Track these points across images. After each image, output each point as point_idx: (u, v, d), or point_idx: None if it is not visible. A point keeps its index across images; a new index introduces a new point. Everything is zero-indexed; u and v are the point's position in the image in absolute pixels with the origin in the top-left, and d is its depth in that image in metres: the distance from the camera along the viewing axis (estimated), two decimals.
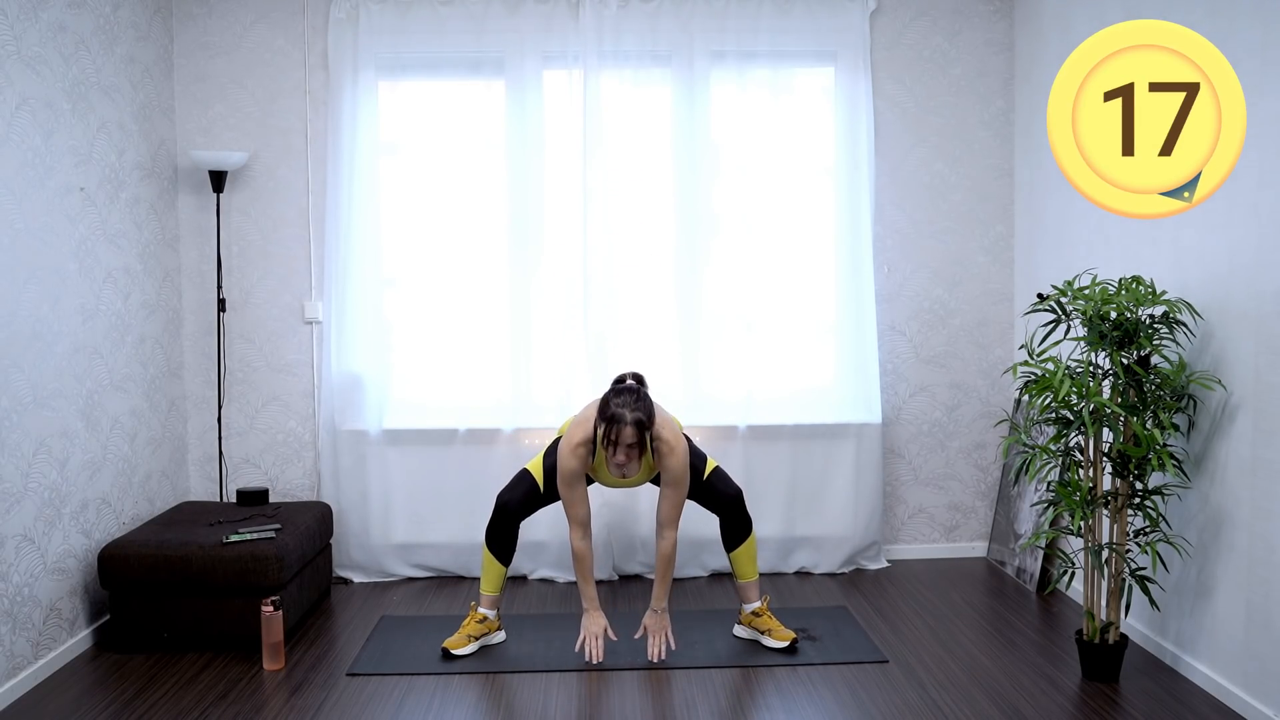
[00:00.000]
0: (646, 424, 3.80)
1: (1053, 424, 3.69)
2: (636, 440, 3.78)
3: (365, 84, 4.95)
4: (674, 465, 3.91)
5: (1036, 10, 4.91)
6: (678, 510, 3.98)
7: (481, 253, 5.06)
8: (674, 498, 3.96)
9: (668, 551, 3.98)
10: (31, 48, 3.86)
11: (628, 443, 3.77)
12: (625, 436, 3.76)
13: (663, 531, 3.97)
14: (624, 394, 3.84)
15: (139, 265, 4.62)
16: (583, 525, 3.96)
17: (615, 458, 3.80)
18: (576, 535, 3.96)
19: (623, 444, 3.77)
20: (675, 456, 3.91)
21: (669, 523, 3.97)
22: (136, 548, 4.09)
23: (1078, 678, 3.77)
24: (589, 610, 4.00)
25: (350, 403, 5.03)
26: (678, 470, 3.92)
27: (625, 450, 3.78)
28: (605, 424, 3.78)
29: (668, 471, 3.93)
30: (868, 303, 5.07)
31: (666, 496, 3.96)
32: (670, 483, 3.94)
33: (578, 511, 3.95)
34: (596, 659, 3.91)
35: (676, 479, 3.93)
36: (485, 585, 4.09)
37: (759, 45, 5.00)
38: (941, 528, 5.30)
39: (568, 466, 3.91)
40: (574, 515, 3.96)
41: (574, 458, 3.91)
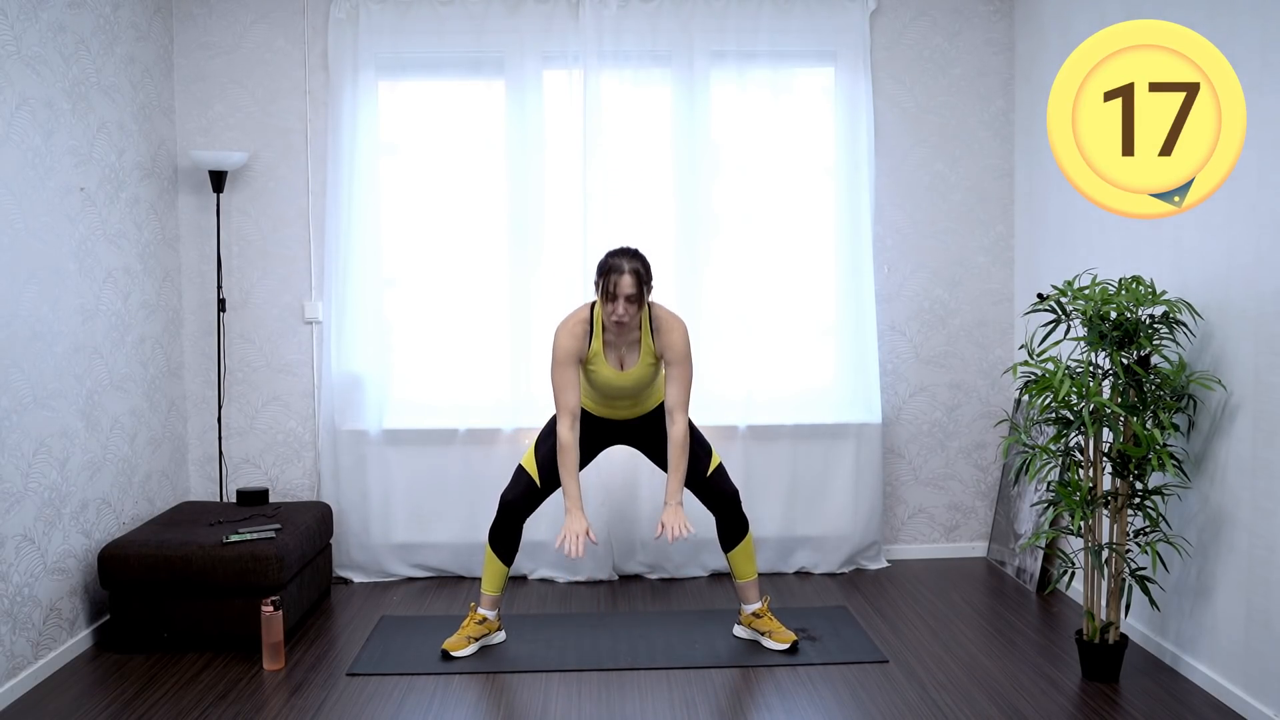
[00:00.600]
0: (644, 276, 3.78)
1: (1053, 424, 3.69)
2: (635, 291, 3.74)
3: (365, 84, 4.95)
4: (676, 341, 3.87)
5: (1036, 10, 4.92)
6: (686, 392, 3.91)
7: (481, 253, 5.06)
8: (681, 378, 3.90)
9: (680, 438, 3.89)
10: (31, 48, 3.86)
11: (626, 293, 3.72)
12: (624, 286, 3.71)
13: (674, 416, 3.90)
14: (620, 251, 3.82)
15: (139, 265, 4.62)
16: (571, 414, 3.87)
17: (615, 311, 3.74)
18: (564, 425, 3.87)
19: (621, 294, 3.72)
20: (676, 332, 3.88)
21: (679, 406, 3.90)
22: (136, 548, 4.09)
23: (1078, 678, 3.77)
24: (570, 510, 3.87)
25: (350, 403, 5.03)
26: (680, 346, 3.88)
27: (624, 302, 3.73)
28: (603, 276, 3.75)
29: (669, 349, 3.88)
30: (868, 303, 5.07)
31: (673, 379, 3.90)
32: (675, 361, 3.89)
33: (567, 399, 3.87)
34: (575, 554, 3.82)
35: (680, 356, 3.88)
36: (486, 585, 4.08)
37: (759, 45, 5.00)
38: (941, 528, 5.30)
39: (564, 345, 3.85)
40: (563, 403, 3.87)
41: (571, 336, 3.86)
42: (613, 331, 3.86)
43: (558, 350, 3.86)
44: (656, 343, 3.89)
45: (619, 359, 3.92)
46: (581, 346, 3.87)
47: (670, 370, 3.92)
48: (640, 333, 3.89)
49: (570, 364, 3.86)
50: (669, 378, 3.92)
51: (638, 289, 3.75)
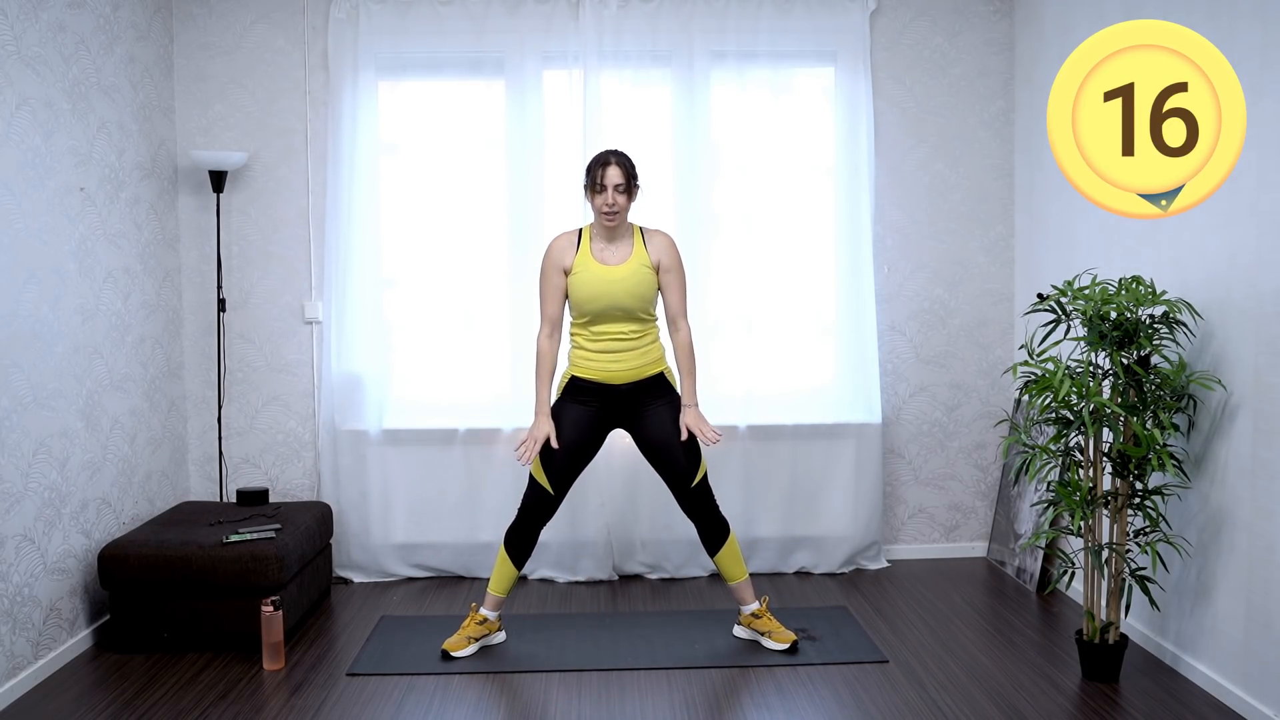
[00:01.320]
0: (631, 170, 3.94)
1: (1053, 424, 3.69)
2: (623, 181, 3.90)
3: (365, 84, 4.95)
4: (666, 245, 4.03)
5: (1036, 10, 4.92)
6: (684, 297, 4.06)
7: (481, 253, 5.07)
8: (677, 284, 4.04)
9: (686, 342, 4.06)
10: (31, 48, 3.86)
11: (615, 182, 3.88)
12: (611, 175, 3.88)
13: (677, 323, 4.06)
14: (607, 150, 4.00)
15: (139, 265, 4.62)
16: (552, 323, 4.02)
17: (605, 200, 3.88)
18: (544, 333, 4.03)
19: (610, 183, 3.88)
20: (665, 238, 4.06)
21: (680, 313, 4.05)
22: (136, 548, 4.09)
23: (1078, 678, 3.77)
24: (538, 414, 3.99)
25: (350, 403, 5.03)
26: (672, 251, 4.03)
27: (613, 191, 3.88)
28: (590, 171, 3.93)
29: (663, 253, 4.01)
30: (868, 303, 5.07)
31: (670, 286, 4.03)
32: (669, 268, 4.02)
33: (551, 308, 4.01)
34: (526, 460, 3.93)
35: (673, 261, 4.03)
36: (494, 586, 4.07)
37: (759, 45, 5.00)
38: (941, 528, 5.30)
39: (552, 253, 4.01)
40: (547, 311, 4.02)
41: (557, 248, 4.02)
42: (603, 236, 3.99)
43: (544, 259, 4.05)
44: (649, 250, 4.01)
45: (606, 260, 4.00)
46: (567, 256, 4.00)
47: (665, 278, 4.03)
48: (632, 241, 4.02)
49: (555, 271, 4.00)
50: (665, 285, 4.04)
51: (625, 180, 3.92)
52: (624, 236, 4.01)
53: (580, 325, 4.02)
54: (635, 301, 3.97)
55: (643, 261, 3.98)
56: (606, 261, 3.96)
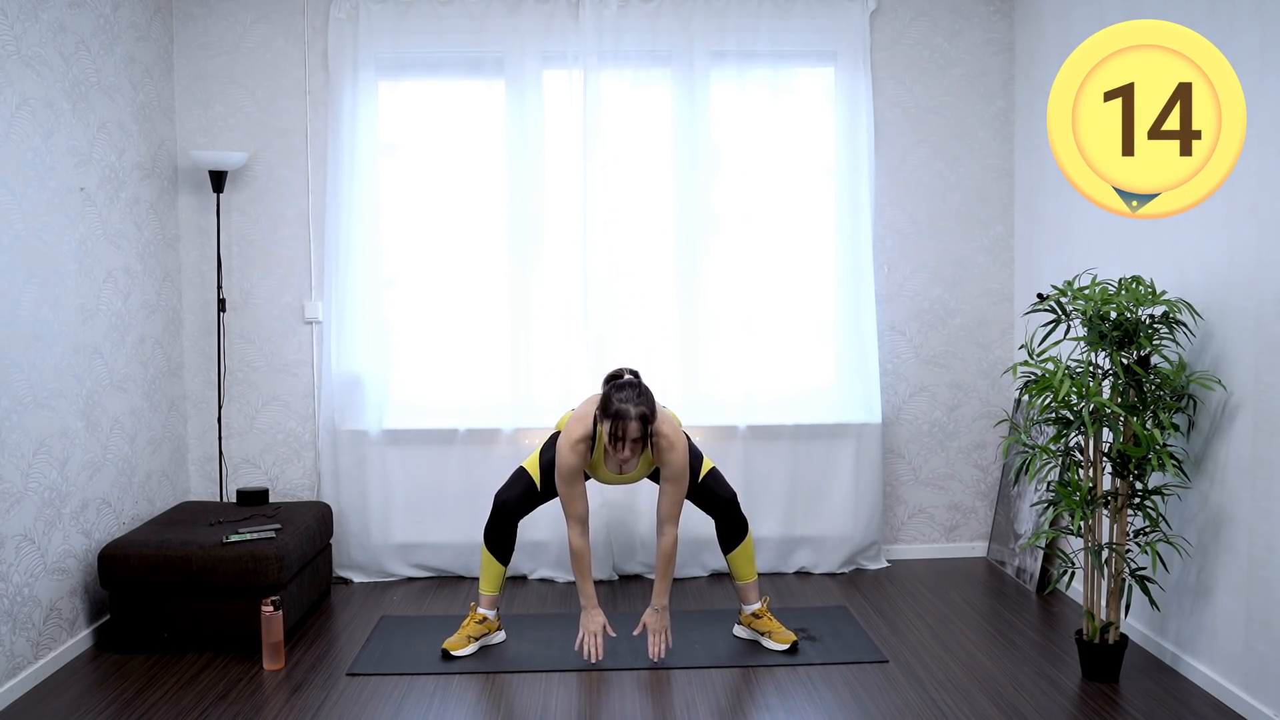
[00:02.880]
0: (650, 418, 3.79)
1: (1053, 424, 3.69)
2: (641, 435, 3.78)
3: (365, 84, 4.95)
4: (674, 460, 3.90)
5: (1036, 10, 4.91)
6: (678, 507, 3.96)
7: (481, 253, 5.06)
8: (674, 494, 3.94)
9: (668, 549, 3.96)
10: (31, 48, 3.86)
11: (633, 438, 3.76)
12: (630, 432, 3.74)
13: (663, 529, 3.96)
14: (625, 389, 3.81)
15: (139, 265, 4.62)
16: (581, 522, 3.94)
17: (620, 454, 3.79)
18: (575, 533, 3.94)
19: (628, 439, 3.75)
20: (675, 451, 3.89)
21: (669, 519, 3.95)
22: (136, 548, 4.09)
23: (1078, 678, 3.77)
24: (587, 609, 3.98)
25: (350, 403, 5.03)
26: (678, 465, 3.91)
27: (630, 445, 3.77)
28: (609, 420, 3.76)
29: (668, 466, 3.91)
30: (868, 303, 5.07)
31: (666, 493, 3.94)
32: (670, 479, 3.93)
33: (576, 508, 3.93)
34: (596, 658, 3.91)
35: (677, 474, 3.92)
36: (484, 585, 4.09)
37: (759, 45, 5.00)
38: (941, 528, 5.30)
39: (567, 463, 3.89)
40: (572, 512, 3.94)
41: (573, 454, 3.89)
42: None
43: (562, 468, 3.90)
44: (657, 458, 3.93)
45: (618, 469, 3.98)
46: (583, 462, 3.94)
47: (664, 485, 3.95)
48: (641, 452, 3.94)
49: (575, 479, 3.93)
50: (663, 491, 3.96)
51: (643, 433, 3.79)
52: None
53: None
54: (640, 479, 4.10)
55: (649, 466, 4.03)
56: (619, 471, 3.97)
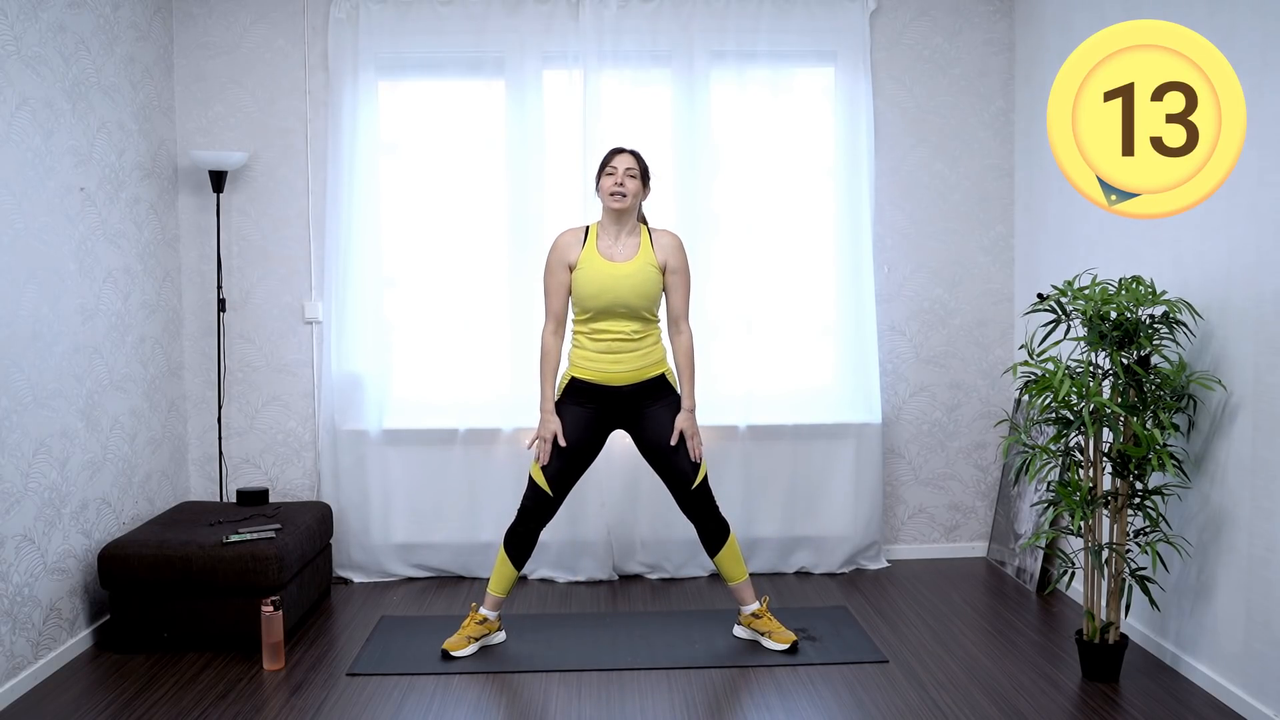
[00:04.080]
0: (641, 160, 3.97)
1: (1053, 424, 3.69)
2: (634, 166, 3.92)
3: (365, 84, 4.95)
4: (673, 245, 4.02)
5: (1036, 10, 4.92)
6: (687, 299, 4.07)
7: (481, 253, 5.06)
8: (681, 286, 4.03)
9: (687, 345, 4.06)
10: (31, 48, 3.86)
11: (625, 166, 3.91)
12: (623, 161, 3.92)
13: (679, 325, 4.06)
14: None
15: (139, 265, 4.62)
16: (556, 319, 4.02)
17: (615, 181, 3.90)
18: (549, 329, 4.03)
19: (620, 166, 3.90)
20: (673, 238, 4.05)
21: (682, 315, 4.05)
22: (136, 548, 4.09)
23: (1078, 678, 3.77)
24: (544, 412, 4.00)
25: (350, 403, 5.03)
26: (679, 252, 4.03)
27: (623, 173, 3.91)
28: (604, 159, 3.97)
29: (670, 254, 4.01)
30: (868, 303, 5.07)
31: (674, 287, 4.03)
32: (675, 269, 4.01)
33: (555, 304, 4.01)
34: (544, 462, 3.96)
35: (680, 263, 4.02)
36: (494, 586, 4.07)
37: (759, 45, 5.00)
38: (941, 528, 5.30)
39: (557, 249, 4.00)
40: (551, 307, 4.02)
41: (563, 242, 4.02)
42: (610, 231, 3.97)
43: (550, 254, 4.02)
44: (656, 250, 4.01)
45: (612, 255, 4.00)
46: (573, 252, 3.99)
47: (671, 279, 4.03)
48: (639, 239, 4.01)
49: (560, 268, 3.99)
50: (669, 286, 4.04)
51: (636, 165, 3.93)
52: (631, 233, 4.01)
53: (582, 323, 4.01)
54: (639, 300, 3.95)
55: (649, 260, 3.98)
56: (613, 258, 3.96)
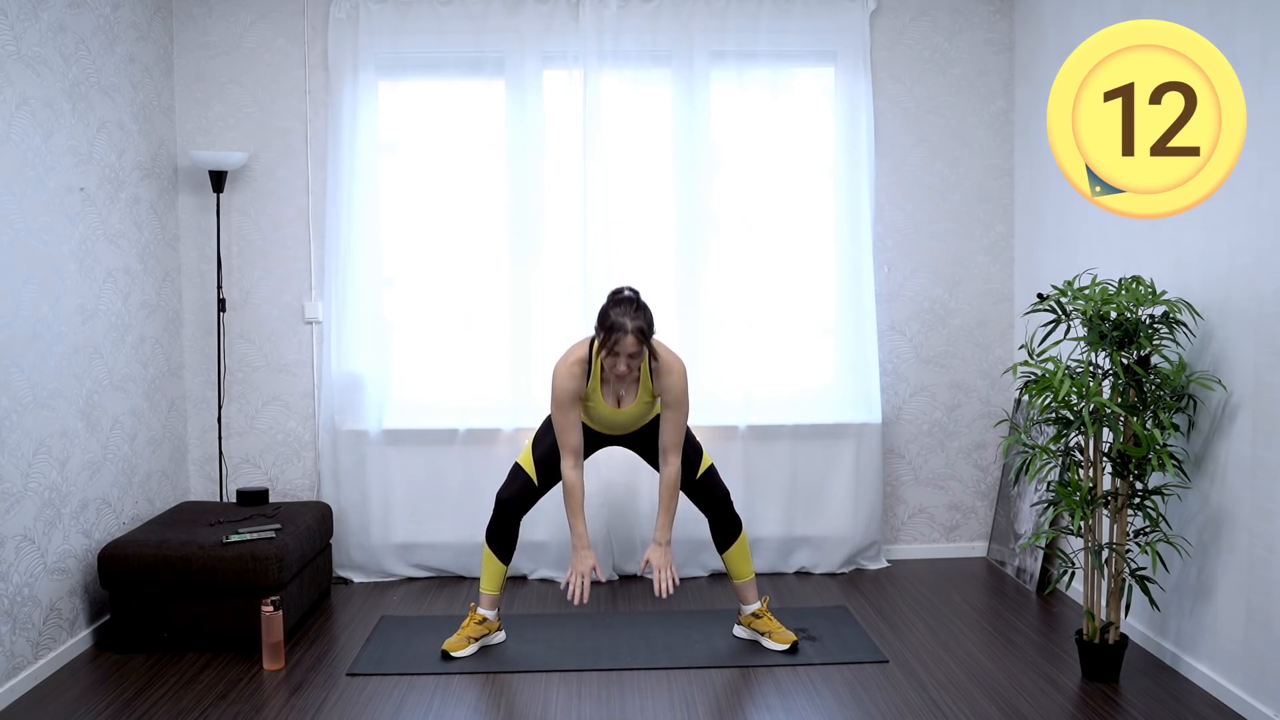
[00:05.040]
0: (647, 332, 3.72)
1: (1053, 424, 3.69)
2: (638, 349, 3.70)
3: (365, 84, 4.95)
4: (674, 384, 3.84)
5: (1036, 10, 4.91)
6: (680, 434, 3.89)
7: (481, 252, 5.06)
8: (676, 420, 3.87)
9: (672, 479, 3.89)
10: (31, 48, 3.86)
11: (629, 352, 3.68)
12: (627, 345, 3.66)
13: (666, 458, 3.89)
14: (623, 303, 3.73)
15: (139, 265, 4.62)
16: (575, 454, 3.86)
17: (616, 368, 3.71)
18: (568, 465, 3.85)
19: (624, 353, 3.67)
20: (674, 375, 3.84)
21: (672, 448, 3.88)
22: (136, 548, 4.09)
23: (1078, 678, 3.77)
24: (577, 548, 3.87)
25: (350, 403, 5.03)
26: (677, 389, 3.85)
27: (626, 360, 3.69)
28: (605, 333, 3.68)
29: (667, 391, 3.85)
30: (868, 303, 5.07)
31: (668, 419, 3.87)
32: (671, 404, 3.86)
33: (570, 439, 3.85)
34: (581, 600, 3.83)
35: (677, 399, 3.86)
36: (485, 584, 4.08)
37: (759, 45, 5.00)
38: (941, 528, 5.30)
39: (563, 387, 3.81)
40: (566, 443, 3.85)
41: (570, 376, 3.82)
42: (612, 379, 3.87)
43: (557, 391, 3.82)
44: (656, 384, 3.87)
45: (616, 397, 3.91)
46: (580, 386, 3.83)
47: (666, 412, 3.89)
48: (640, 372, 3.87)
49: (571, 405, 3.83)
50: (664, 419, 3.89)
51: (640, 347, 3.71)
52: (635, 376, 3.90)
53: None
54: (639, 419, 3.98)
55: (648, 397, 3.92)
56: (616, 401, 3.89)
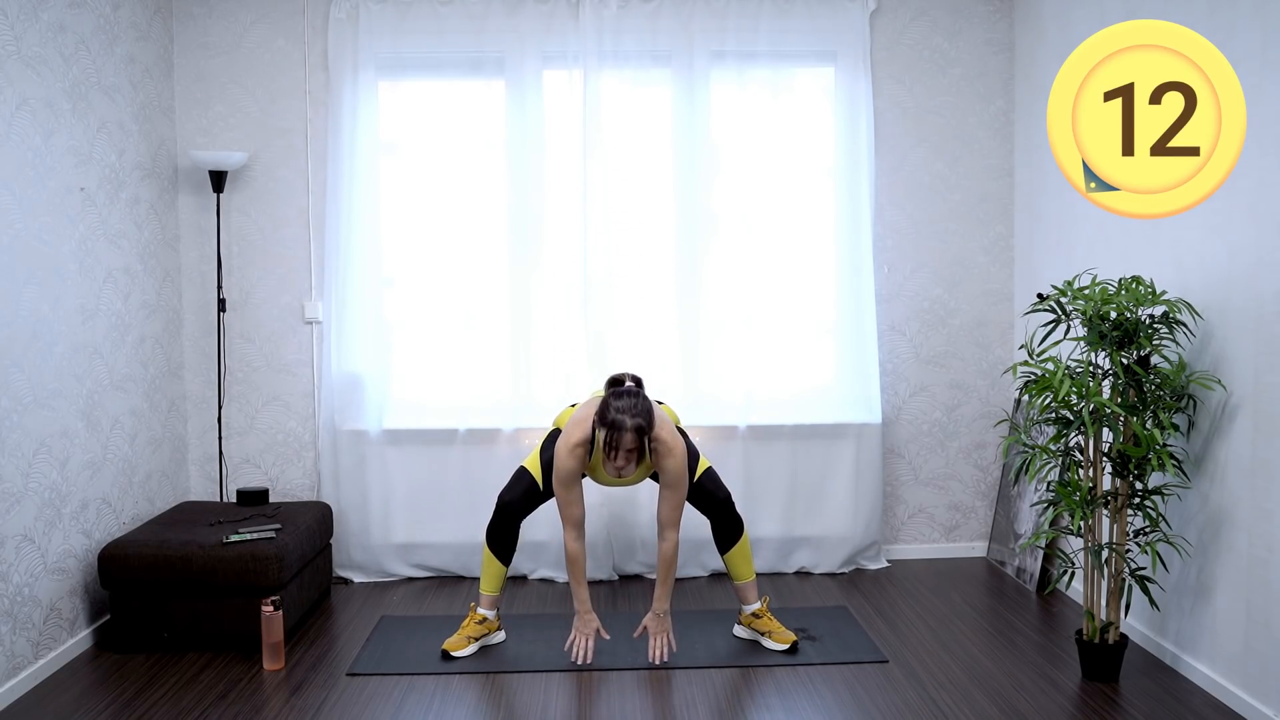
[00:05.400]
0: (646, 429, 3.78)
1: (1053, 424, 3.69)
2: (636, 446, 3.77)
3: (365, 84, 4.95)
4: (672, 466, 3.89)
5: (1036, 10, 4.92)
6: (678, 511, 3.96)
7: (481, 252, 5.06)
8: (673, 499, 3.94)
9: (669, 554, 3.95)
10: (31, 48, 3.86)
11: (627, 448, 3.75)
12: (625, 442, 3.73)
13: (664, 533, 3.95)
14: (624, 397, 3.80)
15: (139, 265, 4.62)
16: (577, 526, 3.93)
17: (615, 462, 3.78)
18: (571, 536, 3.93)
19: (623, 449, 3.74)
20: (674, 457, 3.89)
21: (669, 524, 3.94)
22: (137, 548, 4.09)
23: (1078, 678, 3.77)
24: (580, 613, 3.97)
25: (350, 403, 5.03)
26: (676, 471, 3.90)
27: (625, 455, 3.77)
28: (606, 430, 3.75)
29: (666, 473, 3.90)
30: (868, 303, 5.07)
31: (666, 498, 3.94)
32: (669, 484, 3.92)
33: (573, 512, 3.92)
34: (585, 660, 3.91)
35: (675, 480, 3.91)
36: (485, 585, 4.09)
37: (759, 45, 5.00)
38: (941, 528, 5.30)
39: (565, 467, 3.89)
40: (569, 516, 3.93)
41: (572, 458, 3.89)
42: None
43: (560, 472, 3.89)
44: (655, 463, 3.93)
45: (617, 473, 3.92)
46: (581, 466, 3.93)
47: (664, 491, 3.94)
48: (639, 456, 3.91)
49: (573, 483, 3.92)
50: (662, 497, 3.95)
51: (639, 444, 3.78)
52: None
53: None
54: (639, 481, 4.10)
55: (647, 471, 4.03)
56: (617, 474, 3.90)
